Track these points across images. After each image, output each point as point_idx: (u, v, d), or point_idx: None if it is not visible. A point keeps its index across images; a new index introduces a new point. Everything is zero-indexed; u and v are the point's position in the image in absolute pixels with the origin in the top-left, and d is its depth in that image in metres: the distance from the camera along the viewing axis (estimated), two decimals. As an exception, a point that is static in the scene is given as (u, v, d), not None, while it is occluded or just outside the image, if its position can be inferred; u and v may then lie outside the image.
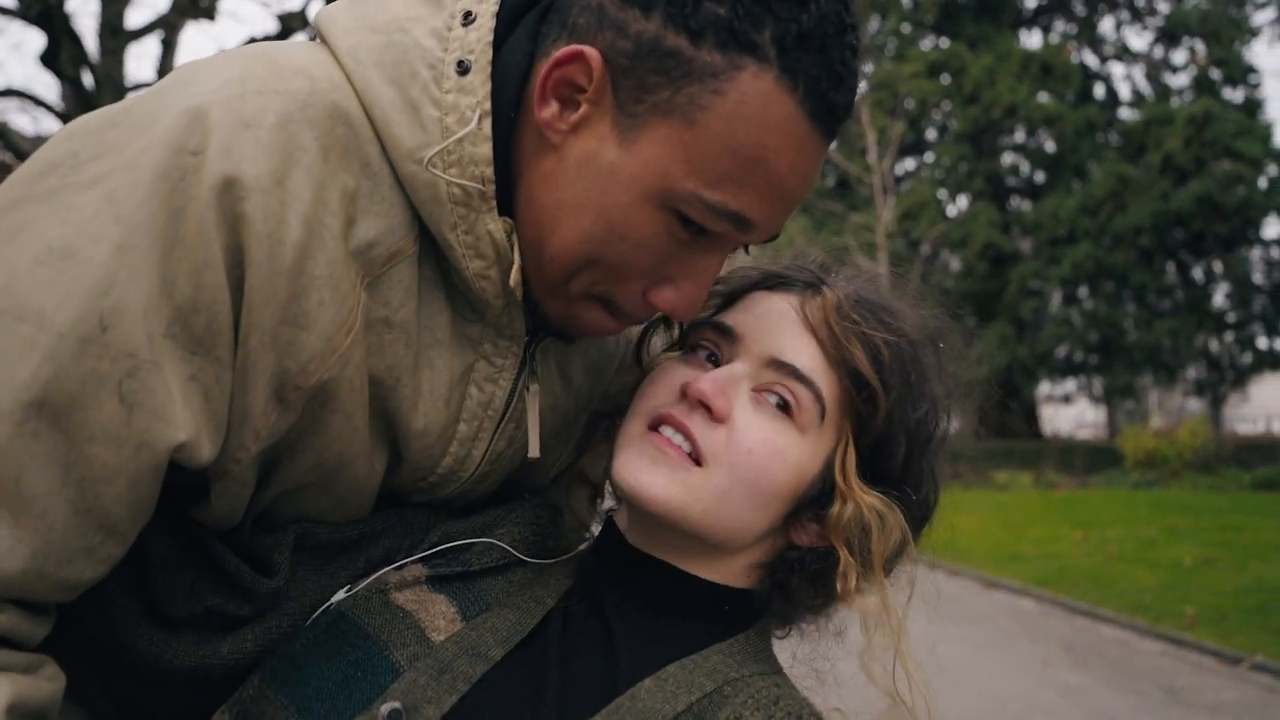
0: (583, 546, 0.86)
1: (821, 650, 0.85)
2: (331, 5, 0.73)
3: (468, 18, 0.69)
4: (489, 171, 0.68)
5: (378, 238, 0.67)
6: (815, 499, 0.76)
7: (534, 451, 0.79)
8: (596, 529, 0.89)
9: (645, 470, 0.73)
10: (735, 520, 0.74)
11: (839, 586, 0.75)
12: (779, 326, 0.76)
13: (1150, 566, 9.09)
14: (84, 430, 0.59)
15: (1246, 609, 7.07)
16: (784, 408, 0.75)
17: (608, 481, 0.85)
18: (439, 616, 0.74)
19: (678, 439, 0.74)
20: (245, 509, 0.73)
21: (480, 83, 0.67)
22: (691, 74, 0.64)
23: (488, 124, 0.67)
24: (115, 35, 13.87)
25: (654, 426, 0.75)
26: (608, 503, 0.88)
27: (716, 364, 0.78)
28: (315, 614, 0.74)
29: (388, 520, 0.79)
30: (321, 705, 0.68)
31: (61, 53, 12.73)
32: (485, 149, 0.67)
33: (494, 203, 0.68)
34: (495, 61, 0.68)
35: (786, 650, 0.85)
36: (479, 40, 0.68)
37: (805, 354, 0.75)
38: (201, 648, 0.72)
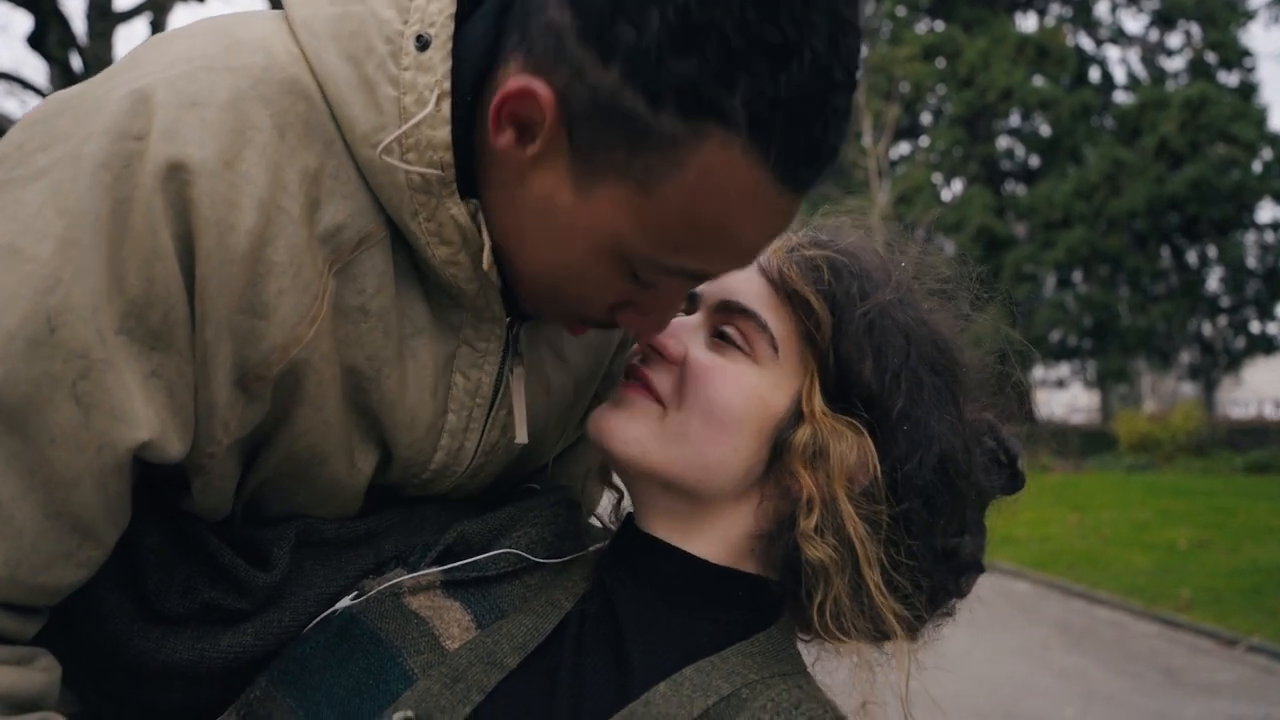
0: (597, 547, 0.83)
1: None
2: None
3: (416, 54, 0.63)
4: (448, 156, 0.63)
5: (345, 221, 0.63)
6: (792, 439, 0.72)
7: (520, 438, 0.75)
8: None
9: (607, 416, 0.74)
10: (700, 456, 0.71)
11: (800, 522, 0.70)
12: (734, 276, 0.76)
13: (1144, 549, 9.11)
14: (44, 433, 0.57)
15: (1242, 590, 7.09)
16: (736, 343, 0.74)
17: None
18: (453, 624, 0.71)
19: (637, 384, 0.75)
20: (232, 500, 0.70)
21: (440, 60, 0.62)
22: (649, 141, 0.57)
23: (446, 105, 0.62)
24: (104, 17, 13.73)
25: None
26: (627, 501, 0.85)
27: None
28: (325, 613, 0.72)
29: (395, 516, 0.77)
30: (332, 711, 0.66)
31: (49, 35, 12.60)
32: (444, 133, 0.62)
33: (454, 186, 0.64)
34: (457, 36, 0.63)
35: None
36: (440, 12, 0.63)
37: (751, 291, 0.76)
38: (200, 642, 0.69)
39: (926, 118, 28.57)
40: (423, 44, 0.62)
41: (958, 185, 27.85)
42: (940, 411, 0.74)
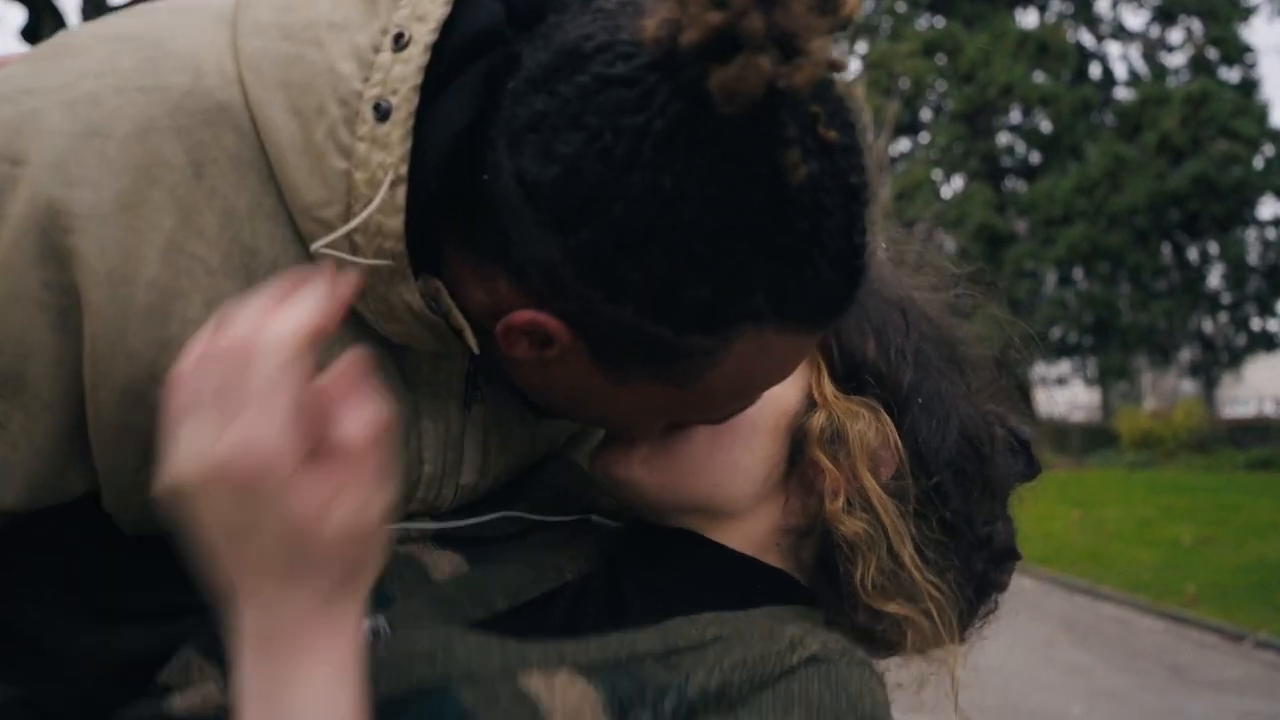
0: (603, 521, 0.78)
1: None
2: None
3: (399, 40, 0.54)
4: (400, 247, 0.54)
5: (287, 267, 0.54)
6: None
7: (467, 479, 0.67)
8: None
9: (610, 450, 0.68)
10: (713, 465, 0.67)
11: (826, 506, 0.66)
12: None
13: (1148, 545, 9.08)
14: None
15: (1248, 586, 7.05)
16: None
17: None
18: (444, 561, 0.65)
19: None
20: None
21: (399, 138, 0.53)
22: (679, 354, 0.55)
23: (402, 191, 0.53)
24: (99, 10, 13.67)
25: None
26: None
27: None
28: None
29: None
30: None
31: (43, 28, 12.53)
32: (396, 221, 0.54)
33: (409, 274, 0.55)
34: (423, 110, 0.54)
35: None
36: (404, 80, 0.53)
37: None
38: (154, 633, 0.62)
39: (927, 114, 28.57)
40: (381, 113, 0.53)
41: (958, 182, 27.86)
42: (951, 385, 0.72)
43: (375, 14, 0.55)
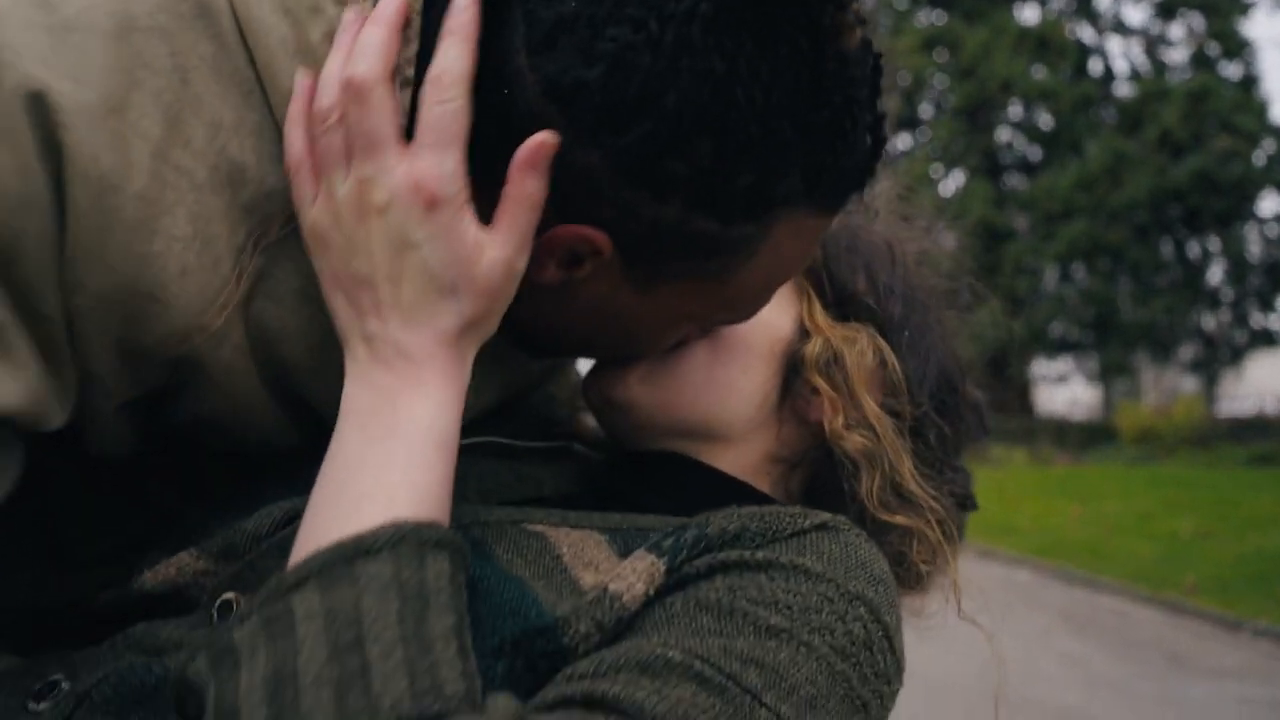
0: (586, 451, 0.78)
1: None
2: None
3: None
4: None
5: (277, 185, 0.52)
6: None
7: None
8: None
9: (605, 371, 0.69)
10: (710, 385, 0.68)
11: (826, 426, 0.68)
12: None
13: (1148, 538, 9.06)
14: None
15: (1247, 577, 7.03)
16: None
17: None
18: None
19: None
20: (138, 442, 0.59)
21: (411, 36, 0.52)
22: (723, 248, 0.55)
23: (409, 96, 0.52)
24: None
25: None
26: None
27: None
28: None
29: None
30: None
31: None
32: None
33: None
34: (430, 10, 0.52)
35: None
36: None
37: None
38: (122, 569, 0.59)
39: (927, 109, 28.57)
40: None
41: (958, 177, 27.85)
42: (931, 324, 0.75)
43: None
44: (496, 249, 0.51)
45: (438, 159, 0.49)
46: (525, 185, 0.50)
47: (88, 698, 0.48)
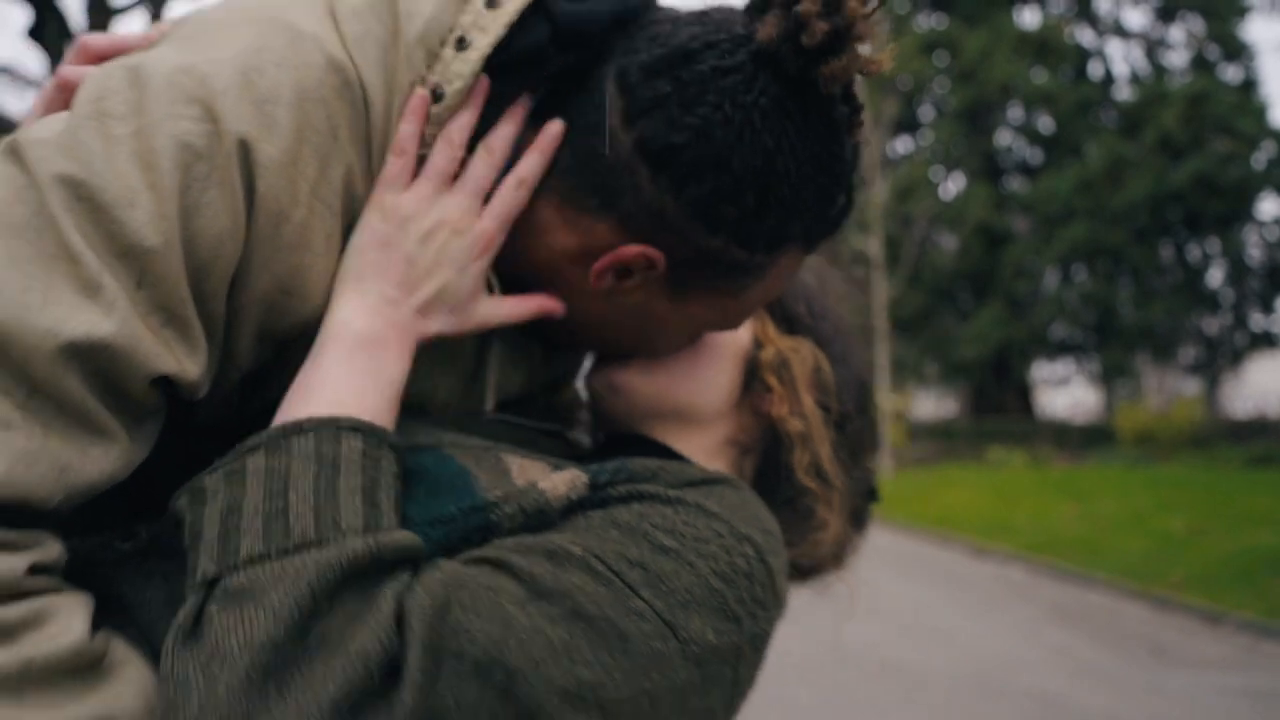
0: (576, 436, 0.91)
1: None
2: None
3: (461, 43, 0.68)
4: None
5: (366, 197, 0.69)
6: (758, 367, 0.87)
7: (489, 405, 0.80)
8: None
9: (609, 366, 0.84)
10: (694, 378, 0.84)
11: (772, 412, 0.84)
12: None
13: (1141, 535, 9.13)
14: None
15: (1233, 573, 7.11)
16: None
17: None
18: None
19: None
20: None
21: (446, 111, 0.69)
22: (742, 270, 0.72)
23: None
24: (101, 10, 13.77)
25: None
26: None
27: None
28: None
29: None
30: None
31: (48, 28, 12.63)
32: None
33: None
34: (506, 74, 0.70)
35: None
36: (460, 76, 0.68)
37: None
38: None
39: (927, 112, 28.58)
40: (437, 96, 0.68)
41: (958, 180, 27.86)
42: (851, 343, 0.93)
43: (445, 8, 0.68)
44: (494, 310, 0.73)
45: (499, 225, 0.71)
46: (529, 166, 0.70)
47: (158, 540, 0.63)
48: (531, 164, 0.70)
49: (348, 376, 0.63)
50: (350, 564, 0.53)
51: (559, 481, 0.65)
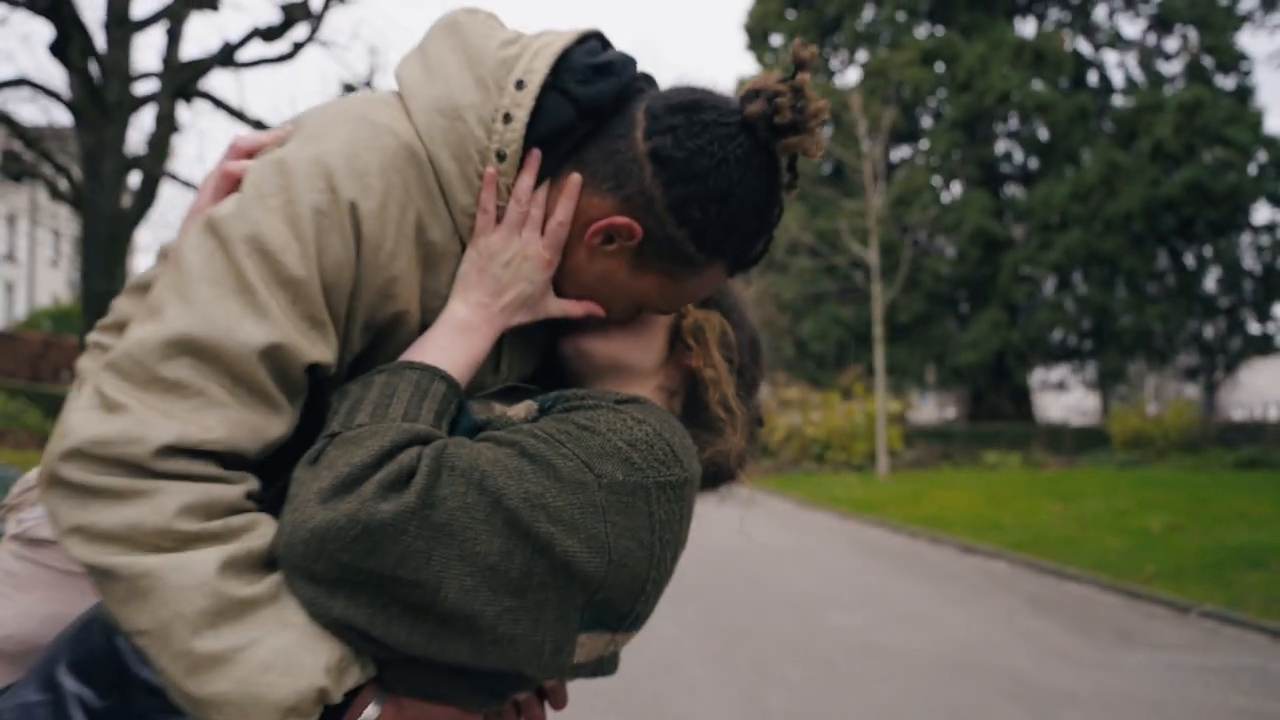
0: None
1: None
2: (411, 73, 1.03)
3: (507, 118, 0.98)
4: None
5: (437, 240, 1.02)
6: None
7: (502, 377, 1.14)
8: None
9: (585, 334, 1.13)
10: (640, 343, 1.15)
11: (692, 364, 1.14)
12: None
13: (1120, 532, 9.47)
14: None
15: (1203, 566, 7.46)
16: None
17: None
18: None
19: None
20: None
21: (512, 165, 1.00)
22: (690, 264, 1.00)
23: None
24: (121, 25, 14.13)
25: None
26: None
27: None
28: None
29: None
30: None
31: (70, 44, 13.03)
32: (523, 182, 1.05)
33: None
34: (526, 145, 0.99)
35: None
36: (512, 141, 0.99)
37: None
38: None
39: (926, 121, 28.86)
40: (501, 157, 1.02)
41: (956, 188, 28.13)
42: (748, 315, 1.25)
43: (489, 96, 0.99)
44: (550, 304, 1.05)
45: (554, 251, 1.02)
46: (563, 206, 1.01)
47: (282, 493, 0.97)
48: (565, 208, 1.00)
49: (449, 346, 1.01)
50: (411, 434, 0.91)
51: (520, 409, 1.03)
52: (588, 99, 0.99)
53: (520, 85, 0.99)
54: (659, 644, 5.20)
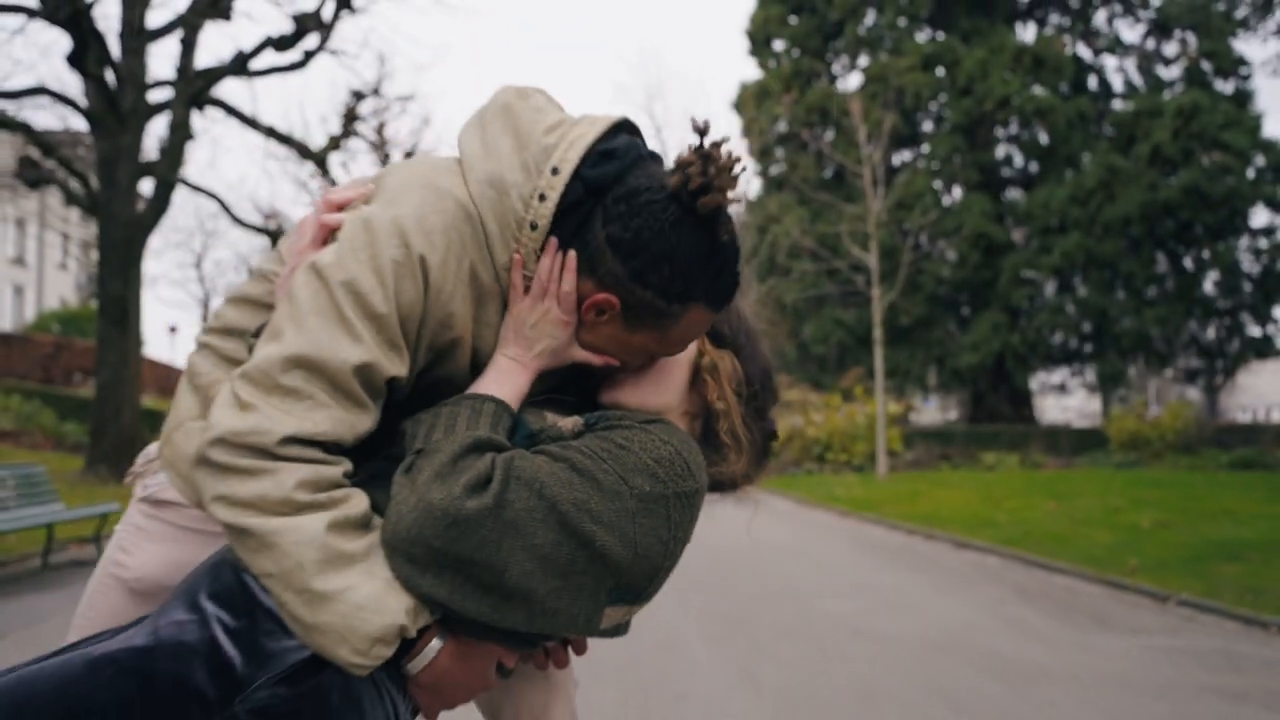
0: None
1: None
2: (471, 147, 1.30)
3: (542, 197, 1.23)
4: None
5: (484, 283, 1.31)
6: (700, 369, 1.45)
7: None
8: None
9: (622, 384, 1.38)
10: (668, 383, 1.41)
11: (707, 396, 1.40)
12: None
13: (1110, 528, 9.73)
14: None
15: (1185, 559, 7.73)
16: None
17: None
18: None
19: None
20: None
21: (540, 234, 1.24)
22: (666, 317, 1.23)
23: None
24: (137, 35, 14.45)
25: None
26: None
27: None
28: None
29: None
30: None
31: (88, 53, 13.36)
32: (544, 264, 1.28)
33: None
34: (562, 215, 1.23)
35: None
36: (544, 215, 1.24)
37: None
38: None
39: (927, 126, 29.09)
40: (534, 227, 1.24)
41: (957, 191, 28.35)
42: (758, 346, 1.50)
43: (530, 178, 1.23)
44: (574, 351, 1.29)
45: (569, 313, 1.25)
46: (566, 282, 1.25)
47: (371, 476, 1.25)
48: (569, 280, 1.25)
49: (494, 384, 1.29)
50: (477, 442, 1.19)
51: (568, 422, 1.31)
52: (593, 180, 1.24)
53: (555, 171, 1.25)
54: (664, 627, 5.53)
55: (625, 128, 1.33)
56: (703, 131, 1.22)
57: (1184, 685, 4.53)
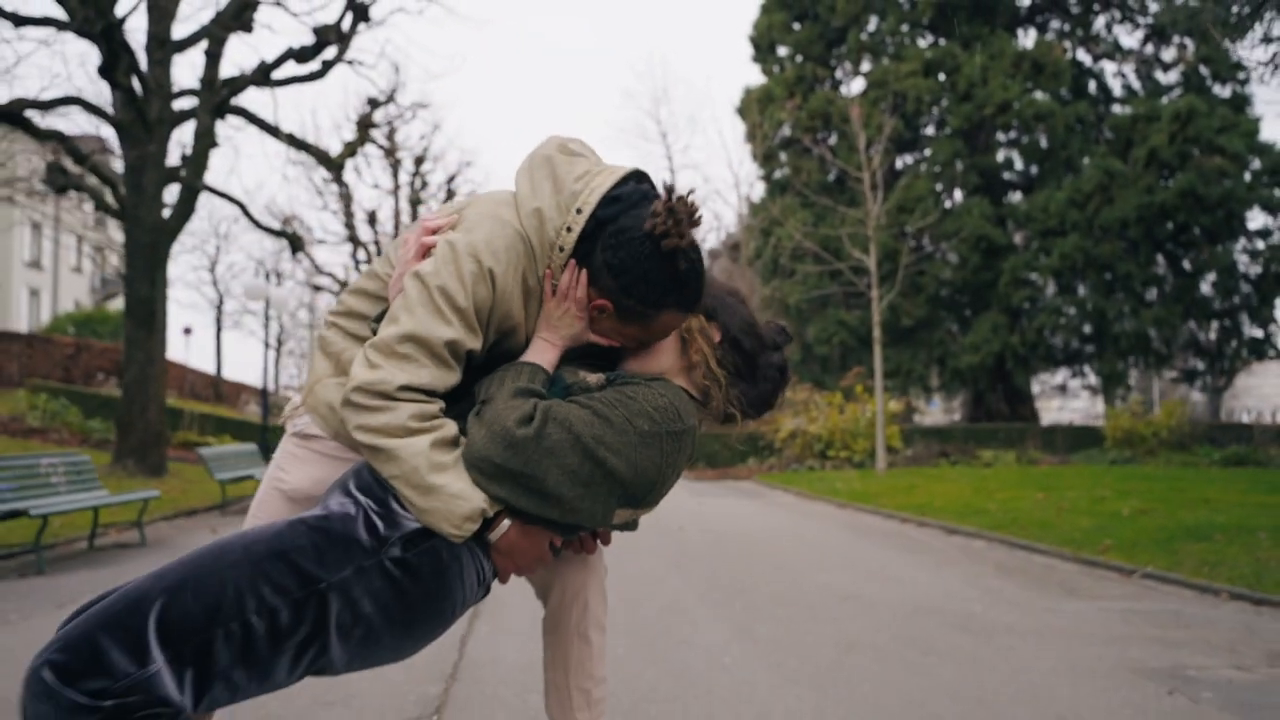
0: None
1: None
2: (523, 187, 1.83)
3: (569, 230, 1.76)
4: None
5: (532, 286, 1.86)
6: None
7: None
8: None
9: (625, 362, 1.98)
10: (662, 355, 1.95)
11: (693, 354, 1.95)
12: None
13: (1092, 515, 10.21)
14: None
15: (1155, 540, 8.24)
16: None
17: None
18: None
19: None
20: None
21: (565, 256, 1.78)
22: (647, 317, 1.76)
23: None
24: (162, 46, 15.03)
25: None
26: None
27: None
28: None
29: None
30: None
31: (119, 65, 13.93)
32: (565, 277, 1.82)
33: None
34: (580, 242, 1.76)
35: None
36: (569, 243, 1.77)
37: None
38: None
39: (929, 130, 29.57)
40: (561, 250, 1.79)
41: (958, 195, 28.81)
42: (736, 314, 2.02)
43: (562, 214, 1.82)
44: (587, 335, 1.85)
45: (581, 309, 1.81)
46: (580, 290, 1.81)
47: (458, 415, 1.81)
48: (581, 289, 1.78)
49: (537, 354, 1.84)
50: (520, 390, 1.74)
51: (595, 377, 1.86)
52: (602, 218, 1.78)
53: (579, 211, 1.79)
54: (669, 593, 6.07)
55: (635, 176, 1.86)
56: (670, 190, 1.75)
57: (1133, 637, 5.06)
